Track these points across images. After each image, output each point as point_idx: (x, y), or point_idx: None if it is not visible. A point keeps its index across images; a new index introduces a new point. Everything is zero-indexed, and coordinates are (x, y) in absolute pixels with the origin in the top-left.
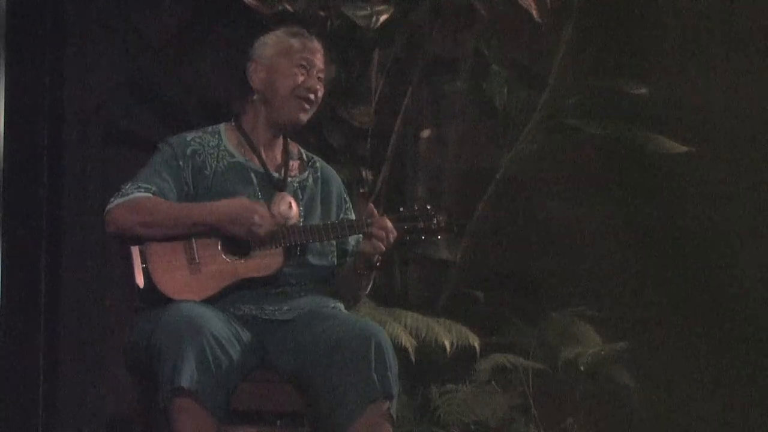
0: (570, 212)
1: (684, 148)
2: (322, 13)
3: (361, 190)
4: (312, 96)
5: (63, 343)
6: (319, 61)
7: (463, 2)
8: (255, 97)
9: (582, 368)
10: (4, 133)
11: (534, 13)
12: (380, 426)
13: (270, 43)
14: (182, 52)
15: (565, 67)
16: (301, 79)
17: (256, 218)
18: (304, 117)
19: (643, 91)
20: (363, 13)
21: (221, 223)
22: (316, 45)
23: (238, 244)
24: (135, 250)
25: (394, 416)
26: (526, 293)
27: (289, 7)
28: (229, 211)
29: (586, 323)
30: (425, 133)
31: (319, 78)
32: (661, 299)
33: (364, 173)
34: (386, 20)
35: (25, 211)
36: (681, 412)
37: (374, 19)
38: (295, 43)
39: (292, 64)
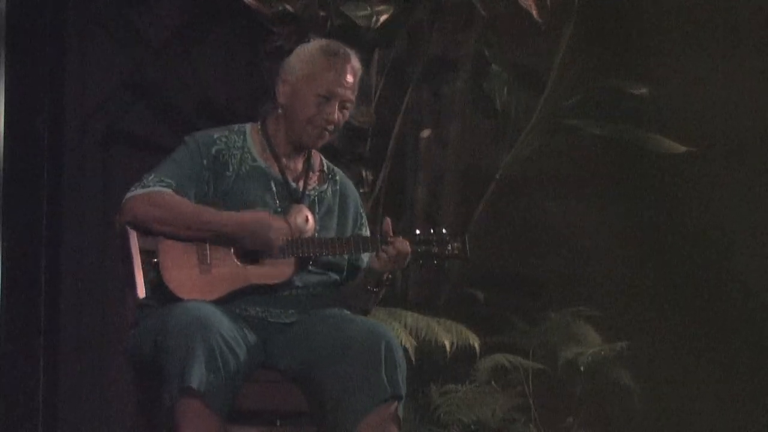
0: (570, 212)
1: (684, 148)
2: (322, 13)
3: (361, 190)
4: (330, 126)
5: (63, 343)
6: (345, 88)
7: (463, 2)
8: (279, 111)
9: (582, 368)
10: (4, 133)
11: (534, 13)
12: (387, 427)
13: (301, 61)
14: (182, 52)
15: (565, 67)
16: (319, 109)
17: (272, 234)
18: (320, 143)
19: (643, 91)
20: (363, 13)
21: (237, 235)
22: (349, 67)
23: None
24: (135, 250)
25: (401, 417)
26: (526, 293)
27: (289, 7)
28: (246, 225)
29: (586, 323)
30: (425, 133)
31: (344, 106)
32: (661, 299)
33: (364, 173)
34: (386, 20)
35: (25, 211)
36: (681, 412)
37: (374, 19)
38: (324, 67)
39: (314, 92)
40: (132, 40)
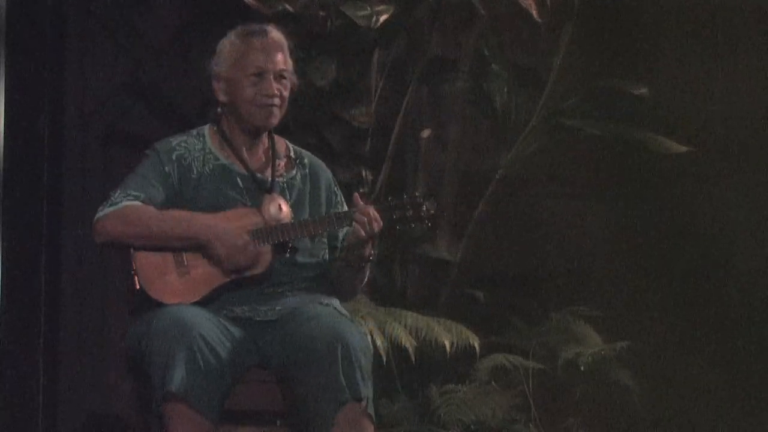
0: (570, 212)
1: (684, 148)
2: (322, 13)
3: (361, 190)
4: (273, 100)
5: (63, 343)
6: (274, 61)
7: (463, 2)
8: (219, 110)
9: (582, 368)
10: (4, 133)
11: (534, 13)
12: (359, 425)
13: (224, 54)
14: (182, 52)
15: (565, 67)
16: (257, 88)
17: (240, 243)
18: (274, 120)
19: (643, 91)
20: (363, 13)
21: (207, 238)
22: (271, 41)
23: None
24: (135, 252)
25: (372, 414)
26: (526, 293)
27: (289, 7)
28: (215, 227)
29: (586, 323)
30: (425, 133)
31: (281, 76)
32: (661, 299)
33: (364, 173)
34: (386, 20)
35: (25, 211)
36: (681, 412)
37: (374, 19)
38: (246, 49)
39: (245, 74)
40: (132, 41)
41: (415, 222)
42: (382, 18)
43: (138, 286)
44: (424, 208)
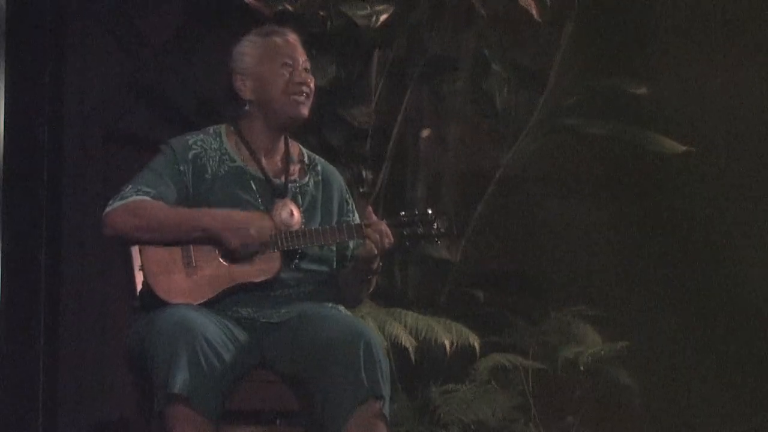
0: (570, 212)
1: (684, 148)
2: (322, 13)
3: (361, 190)
4: (305, 88)
5: (63, 343)
6: (300, 53)
7: (462, 2)
8: (247, 108)
9: (582, 368)
10: (4, 133)
11: (534, 12)
12: (373, 425)
13: (248, 53)
14: (182, 52)
15: (565, 67)
16: (289, 78)
17: (252, 231)
18: (305, 110)
19: (643, 91)
20: (363, 13)
21: (218, 231)
22: (292, 38)
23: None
24: (135, 251)
25: (387, 416)
26: (526, 293)
27: (289, 7)
28: (227, 220)
29: (586, 323)
30: (425, 133)
31: (305, 69)
32: (662, 299)
33: (364, 173)
34: (386, 20)
35: (25, 211)
36: (681, 412)
37: (374, 19)
38: (271, 44)
39: (277, 65)
40: (132, 40)
41: (426, 239)
42: (382, 18)
43: (143, 283)
44: (435, 226)
